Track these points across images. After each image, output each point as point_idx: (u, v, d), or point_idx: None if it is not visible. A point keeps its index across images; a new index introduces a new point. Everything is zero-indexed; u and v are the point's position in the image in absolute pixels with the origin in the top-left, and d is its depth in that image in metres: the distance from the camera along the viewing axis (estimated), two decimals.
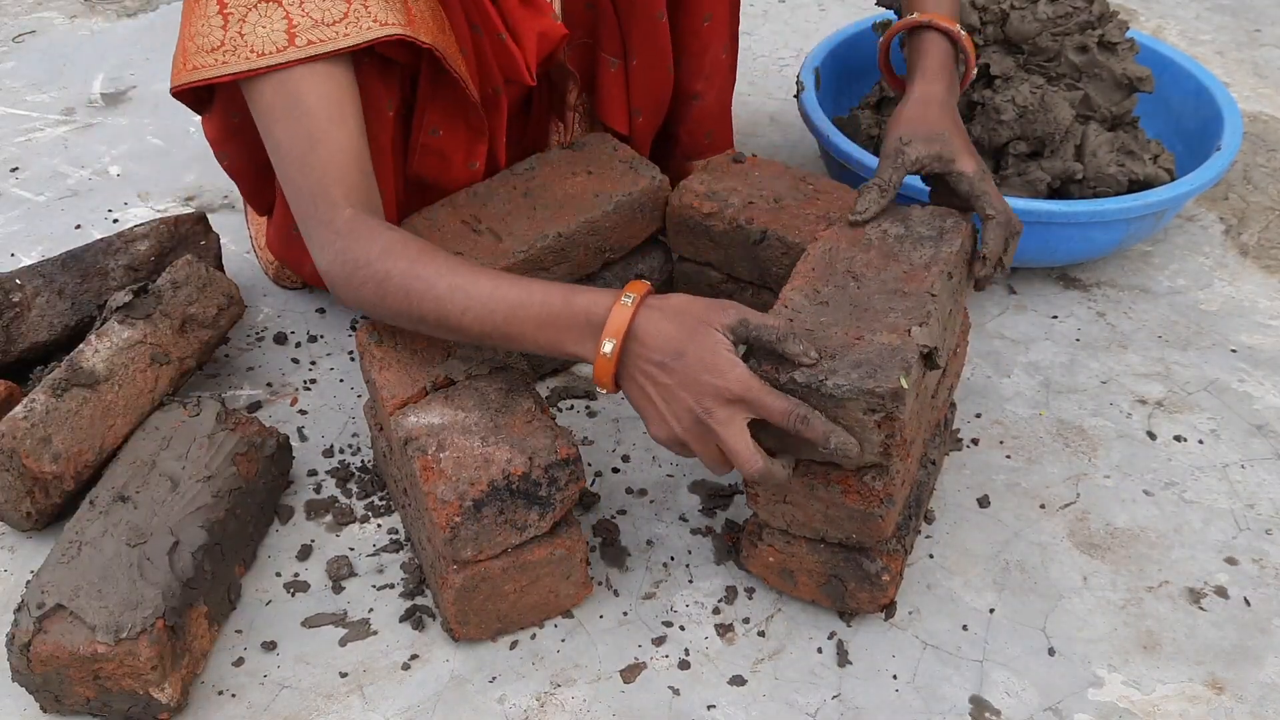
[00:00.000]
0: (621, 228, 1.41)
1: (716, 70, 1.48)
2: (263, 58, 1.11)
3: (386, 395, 1.14)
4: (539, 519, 1.09)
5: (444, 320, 1.07)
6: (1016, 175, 1.51)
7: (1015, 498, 1.30)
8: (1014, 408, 1.41)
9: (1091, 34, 1.51)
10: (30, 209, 1.76)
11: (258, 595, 1.21)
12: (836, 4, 2.34)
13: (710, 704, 1.10)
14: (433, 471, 1.06)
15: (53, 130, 1.94)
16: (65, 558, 1.08)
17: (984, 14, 1.51)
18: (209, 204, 1.77)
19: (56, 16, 2.28)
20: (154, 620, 1.03)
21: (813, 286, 1.10)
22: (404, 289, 1.08)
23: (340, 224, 1.11)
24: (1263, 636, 1.16)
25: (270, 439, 1.26)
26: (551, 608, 1.17)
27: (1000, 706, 1.10)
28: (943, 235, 1.14)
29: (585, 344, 1.02)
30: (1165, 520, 1.27)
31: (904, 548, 1.16)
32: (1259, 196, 1.76)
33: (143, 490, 1.15)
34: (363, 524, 1.28)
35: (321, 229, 1.12)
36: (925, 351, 1.03)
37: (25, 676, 1.05)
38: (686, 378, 0.98)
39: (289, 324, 1.55)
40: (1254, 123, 1.93)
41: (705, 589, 1.21)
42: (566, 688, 1.12)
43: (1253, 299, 1.57)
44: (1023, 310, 1.56)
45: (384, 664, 1.14)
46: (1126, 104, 1.54)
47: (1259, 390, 1.43)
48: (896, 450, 1.02)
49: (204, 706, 1.11)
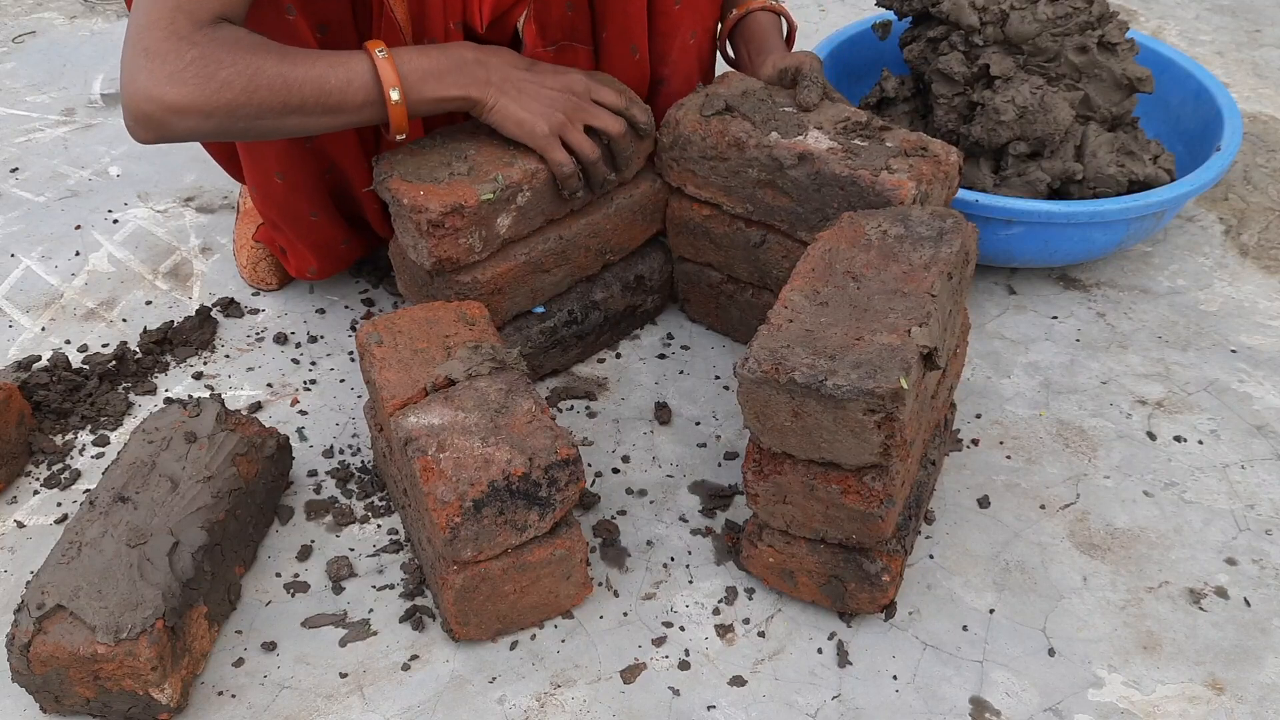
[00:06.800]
0: (622, 229, 1.41)
1: (684, 56, 1.47)
2: None
3: (386, 395, 1.14)
4: (539, 519, 1.09)
5: (305, 107, 1.17)
6: (1016, 175, 1.51)
7: (1015, 498, 1.30)
8: (1014, 408, 1.41)
9: (1091, 34, 1.51)
10: (30, 209, 1.76)
11: (258, 595, 1.21)
12: (836, 4, 2.34)
13: (710, 704, 1.10)
14: (433, 472, 1.06)
15: (53, 130, 1.94)
16: (65, 558, 1.08)
17: (984, 14, 1.51)
18: (209, 204, 1.77)
19: (56, 17, 2.28)
20: (154, 620, 1.03)
21: (812, 287, 1.10)
22: (282, 75, 1.15)
23: (198, 36, 1.13)
24: (1263, 636, 1.16)
25: (270, 439, 1.26)
26: (551, 608, 1.17)
27: (1000, 707, 1.10)
28: (942, 236, 1.14)
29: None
30: (1165, 520, 1.27)
31: (904, 548, 1.16)
32: (1259, 197, 1.76)
33: (143, 491, 1.15)
34: (363, 524, 1.28)
35: (174, 42, 1.13)
36: (925, 352, 1.03)
37: (25, 677, 1.05)
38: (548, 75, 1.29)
39: (289, 324, 1.55)
40: (1254, 123, 1.93)
41: (705, 589, 1.21)
42: (566, 688, 1.12)
43: (1253, 299, 1.57)
44: (1023, 310, 1.56)
45: (384, 664, 1.14)
46: (1126, 104, 1.54)
47: (1259, 390, 1.43)
48: (896, 450, 1.02)
49: (204, 707, 1.11)
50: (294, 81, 1.16)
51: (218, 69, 1.13)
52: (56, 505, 1.31)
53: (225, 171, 1.54)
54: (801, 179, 1.28)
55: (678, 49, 1.45)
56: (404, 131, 1.24)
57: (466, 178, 1.25)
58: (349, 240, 1.51)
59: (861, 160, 1.26)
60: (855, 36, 1.75)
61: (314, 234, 1.48)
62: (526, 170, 1.28)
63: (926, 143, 1.28)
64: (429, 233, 1.23)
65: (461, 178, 1.25)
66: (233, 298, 1.57)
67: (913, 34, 1.61)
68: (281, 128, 1.20)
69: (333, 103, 1.19)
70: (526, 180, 1.28)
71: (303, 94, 1.17)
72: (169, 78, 1.12)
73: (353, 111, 1.21)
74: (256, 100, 1.15)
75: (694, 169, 1.37)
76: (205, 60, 1.13)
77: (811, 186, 1.28)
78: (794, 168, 1.28)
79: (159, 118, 1.14)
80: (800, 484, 1.08)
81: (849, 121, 1.32)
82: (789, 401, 1.02)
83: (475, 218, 1.25)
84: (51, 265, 1.65)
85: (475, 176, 1.26)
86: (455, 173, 1.26)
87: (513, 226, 1.29)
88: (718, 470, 1.34)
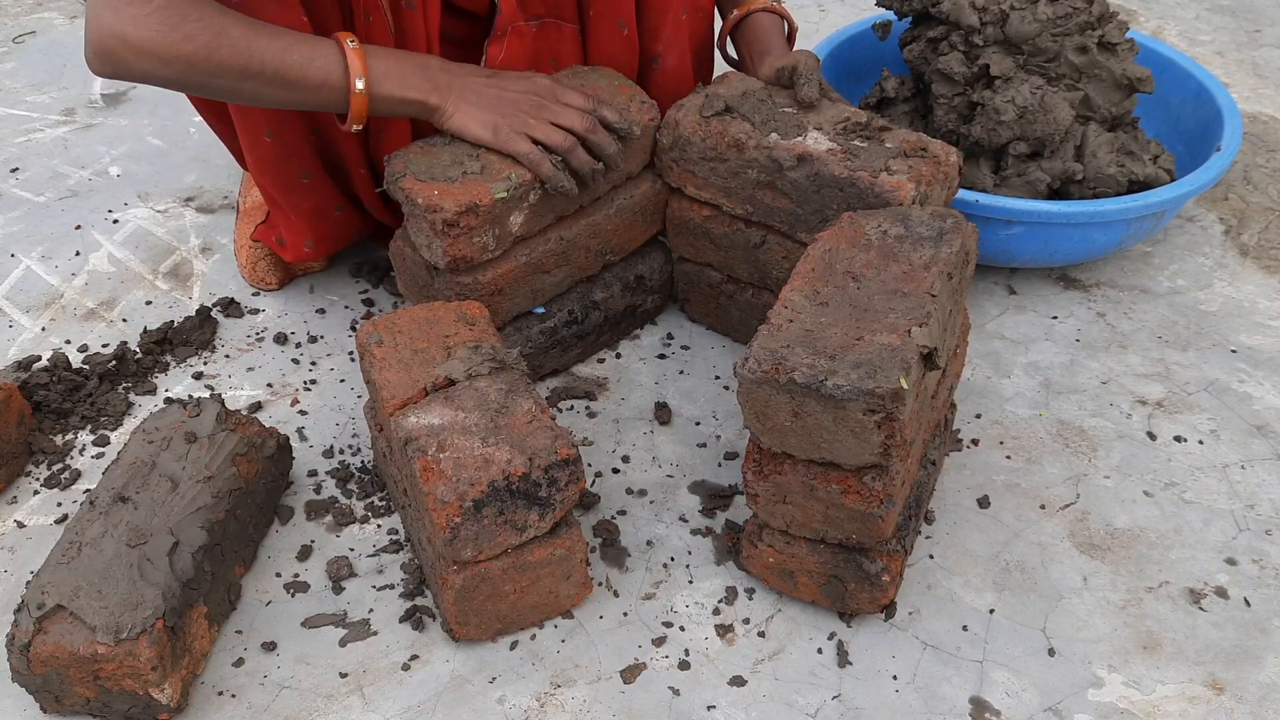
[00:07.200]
0: (622, 230, 1.41)
1: (677, 32, 1.46)
2: None
3: (386, 395, 1.14)
4: (539, 519, 1.09)
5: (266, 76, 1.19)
6: (1016, 175, 1.51)
7: (1015, 498, 1.30)
8: (1014, 408, 1.41)
9: (1091, 34, 1.51)
10: (30, 209, 1.76)
11: (258, 595, 1.21)
12: (836, 4, 2.34)
13: (710, 704, 1.10)
14: (433, 472, 1.06)
15: (53, 130, 1.94)
16: (65, 558, 1.08)
17: (984, 14, 1.51)
18: (209, 204, 1.77)
19: (56, 17, 2.28)
20: (154, 621, 1.03)
21: (812, 287, 1.10)
22: (246, 40, 1.17)
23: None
24: (1263, 636, 1.16)
25: (270, 439, 1.26)
26: (551, 608, 1.17)
27: (1000, 707, 1.10)
28: (942, 236, 1.14)
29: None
30: (1165, 520, 1.27)
31: (904, 548, 1.16)
32: (1259, 197, 1.76)
33: (143, 491, 1.15)
34: (363, 524, 1.28)
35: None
36: (925, 352, 1.03)
37: (25, 677, 1.05)
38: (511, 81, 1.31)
39: (289, 324, 1.55)
40: (1254, 123, 1.93)
41: (705, 589, 1.21)
42: (566, 688, 1.12)
43: (1253, 299, 1.57)
44: (1023, 310, 1.56)
45: (384, 664, 1.14)
46: (1126, 104, 1.53)
47: (1259, 390, 1.43)
48: (896, 450, 1.02)
49: (204, 707, 1.11)
50: (257, 48, 1.19)
51: (184, 20, 1.15)
52: (56, 505, 1.31)
53: (213, 132, 1.53)
54: (801, 180, 1.28)
55: (670, 25, 1.45)
56: (360, 123, 1.26)
57: (480, 176, 1.26)
58: (342, 207, 1.50)
59: (861, 161, 1.26)
60: (855, 36, 1.75)
61: (306, 199, 1.47)
62: None
63: (926, 143, 1.28)
64: (444, 232, 1.23)
65: (475, 176, 1.26)
66: (233, 298, 1.57)
67: (913, 34, 1.61)
68: (237, 91, 1.22)
69: (291, 77, 1.21)
70: (538, 179, 1.28)
71: (263, 61, 1.19)
72: (135, 19, 1.15)
73: (309, 90, 1.23)
74: (217, 59, 1.17)
75: (694, 170, 1.37)
76: (173, 9, 1.15)
77: (811, 187, 1.28)
78: (793, 169, 1.28)
79: (119, 54, 1.17)
80: (800, 484, 1.08)
81: (849, 122, 1.32)
82: (789, 401, 1.02)
83: (489, 216, 1.25)
84: (51, 265, 1.65)
85: (488, 175, 1.26)
86: (468, 171, 1.26)
87: (525, 225, 1.30)
88: (718, 470, 1.34)
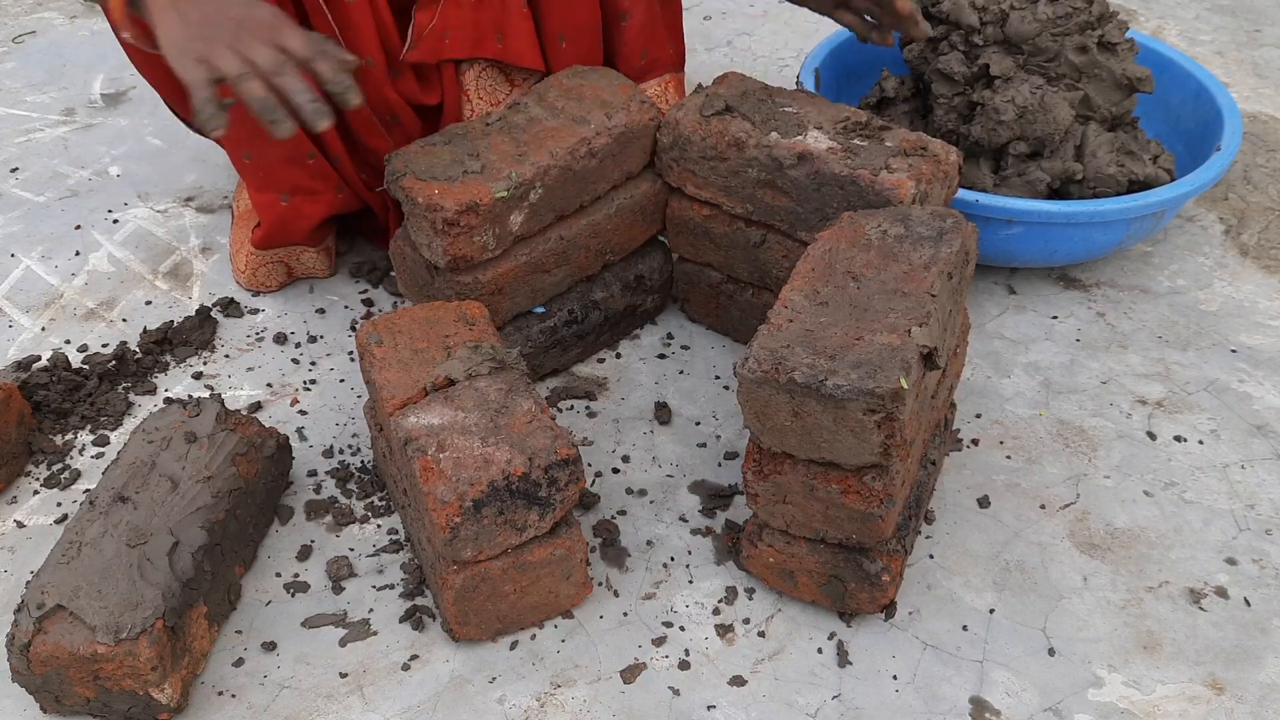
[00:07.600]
0: (622, 230, 1.41)
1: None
2: None
3: (386, 395, 1.14)
4: (539, 519, 1.09)
5: None
6: (1016, 175, 1.51)
7: (1015, 498, 1.30)
8: (1014, 408, 1.41)
9: (1091, 34, 1.51)
10: (30, 209, 1.76)
11: (258, 595, 1.21)
12: None
13: (710, 704, 1.10)
14: (433, 472, 1.06)
15: (53, 130, 1.94)
16: (65, 558, 1.08)
17: (984, 14, 1.51)
18: (208, 204, 1.77)
19: (56, 17, 2.28)
20: (154, 620, 1.03)
21: (812, 287, 1.10)
22: None
23: None
24: (1263, 636, 1.16)
25: (270, 439, 1.26)
26: (551, 608, 1.17)
27: (1000, 707, 1.10)
28: (942, 235, 1.14)
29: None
30: (1165, 520, 1.27)
31: (904, 548, 1.16)
32: (1259, 196, 1.76)
33: (143, 491, 1.15)
34: (363, 524, 1.28)
35: None
36: (925, 352, 1.03)
37: (25, 677, 1.05)
38: None
39: (289, 324, 1.55)
40: (1254, 123, 1.93)
41: (705, 589, 1.21)
42: (566, 688, 1.12)
43: (1253, 299, 1.57)
44: (1023, 310, 1.56)
45: (384, 664, 1.14)
46: (1126, 104, 1.53)
47: (1259, 390, 1.43)
48: (896, 450, 1.02)
49: (204, 707, 1.11)
50: None
51: None
52: (56, 505, 1.31)
53: (171, 110, 1.50)
54: (801, 179, 1.28)
55: None
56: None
57: (480, 175, 1.26)
58: (314, 155, 1.46)
59: (861, 160, 1.26)
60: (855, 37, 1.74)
61: (276, 145, 1.42)
62: (539, 167, 1.28)
63: (926, 142, 1.28)
64: (444, 231, 1.23)
65: (475, 175, 1.26)
66: (233, 298, 1.57)
67: None
68: None
69: None
70: (539, 177, 1.28)
71: None
72: None
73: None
74: None
75: (694, 169, 1.37)
76: None
77: (811, 186, 1.28)
78: (793, 167, 1.28)
79: None
80: (800, 484, 1.08)
81: (848, 121, 1.32)
82: (789, 401, 1.02)
83: (490, 215, 1.25)
84: (51, 265, 1.65)
85: (488, 174, 1.26)
86: (469, 170, 1.26)
87: (525, 223, 1.30)
88: (718, 470, 1.34)
